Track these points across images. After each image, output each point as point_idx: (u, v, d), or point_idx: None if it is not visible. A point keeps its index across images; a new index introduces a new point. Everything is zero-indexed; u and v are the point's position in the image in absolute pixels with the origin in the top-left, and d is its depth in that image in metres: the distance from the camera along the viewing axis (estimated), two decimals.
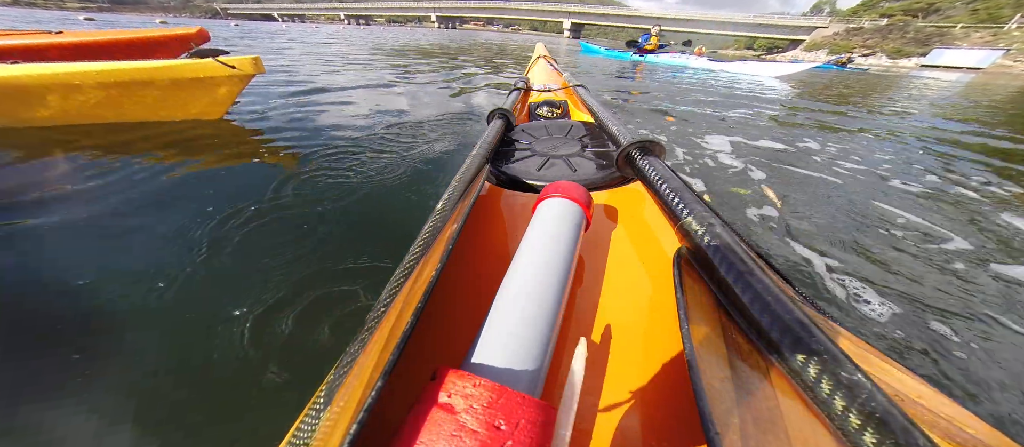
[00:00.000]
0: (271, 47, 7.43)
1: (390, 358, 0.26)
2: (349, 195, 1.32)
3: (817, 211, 1.47)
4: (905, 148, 2.66)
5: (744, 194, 1.58)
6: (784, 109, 3.98)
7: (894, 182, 1.88)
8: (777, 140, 2.55)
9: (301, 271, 0.92)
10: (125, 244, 1.02)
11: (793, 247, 1.19)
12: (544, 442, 0.24)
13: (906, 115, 4.23)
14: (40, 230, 1.05)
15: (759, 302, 0.30)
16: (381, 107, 2.71)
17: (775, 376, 0.27)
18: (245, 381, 0.67)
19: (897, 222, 1.43)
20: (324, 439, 0.24)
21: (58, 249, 0.99)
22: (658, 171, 0.53)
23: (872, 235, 1.31)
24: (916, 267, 1.13)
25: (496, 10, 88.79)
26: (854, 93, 6.35)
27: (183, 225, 1.08)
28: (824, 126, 3.22)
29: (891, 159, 2.32)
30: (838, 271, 1.07)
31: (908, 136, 3.08)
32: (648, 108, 3.48)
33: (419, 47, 10.27)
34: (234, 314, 0.79)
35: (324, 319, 0.78)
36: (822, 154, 2.30)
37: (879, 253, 1.20)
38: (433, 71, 5.06)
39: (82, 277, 0.87)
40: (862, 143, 2.69)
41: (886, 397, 0.22)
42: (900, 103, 5.38)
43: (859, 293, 0.99)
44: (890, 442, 0.20)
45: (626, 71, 7.12)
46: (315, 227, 1.11)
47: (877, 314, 0.91)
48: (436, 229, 0.47)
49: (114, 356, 0.71)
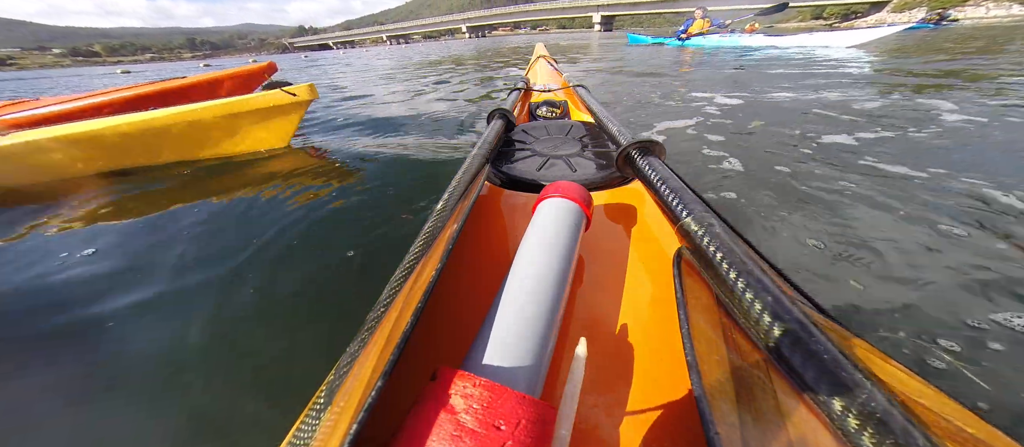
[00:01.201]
0: (329, 72, 8.38)
1: (390, 358, 0.26)
2: (405, 204, 1.36)
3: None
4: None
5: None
6: (878, 85, 3.10)
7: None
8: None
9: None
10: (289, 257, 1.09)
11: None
12: (544, 442, 0.24)
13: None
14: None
15: (759, 302, 0.30)
16: (422, 111, 3.11)
17: (775, 376, 0.27)
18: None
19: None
20: (324, 439, 0.24)
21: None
22: (658, 171, 0.53)
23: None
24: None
25: (522, 13, 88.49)
26: (968, 49, 5.29)
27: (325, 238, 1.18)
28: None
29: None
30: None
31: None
32: (692, 121, 2.27)
33: (452, 58, 10.80)
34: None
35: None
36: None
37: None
38: (467, 72, 5.41)
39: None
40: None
41: (886, 397, 0.22)
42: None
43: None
44: (890, 442, 0.20)
45: (663, 68, 5.29)
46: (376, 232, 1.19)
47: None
48: (436, 229, 0.47)
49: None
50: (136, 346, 0.81)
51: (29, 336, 0.86)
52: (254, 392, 0.69)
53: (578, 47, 12.35)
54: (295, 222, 1.25)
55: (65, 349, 0.81)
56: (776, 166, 1.51)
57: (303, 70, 9.54)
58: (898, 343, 0.73)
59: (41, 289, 1.01)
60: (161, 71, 15.28)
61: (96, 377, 0.74)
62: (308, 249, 1.11)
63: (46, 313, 0.92)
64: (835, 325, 0.32)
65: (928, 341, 0.71)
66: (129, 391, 0.71)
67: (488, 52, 13.27)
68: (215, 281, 0.98)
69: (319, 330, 0.83)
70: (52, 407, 0.69)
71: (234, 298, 0.92)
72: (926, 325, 0.75)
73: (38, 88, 9.60)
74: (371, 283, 0.95)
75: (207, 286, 0.97)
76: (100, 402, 0.69)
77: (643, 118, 2.49)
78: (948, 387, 0.32)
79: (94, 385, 0.73)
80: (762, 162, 1.56)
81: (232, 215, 1.35)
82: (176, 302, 0.93)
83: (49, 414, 0.68)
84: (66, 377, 0.75)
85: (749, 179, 1.41)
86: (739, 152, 1.69)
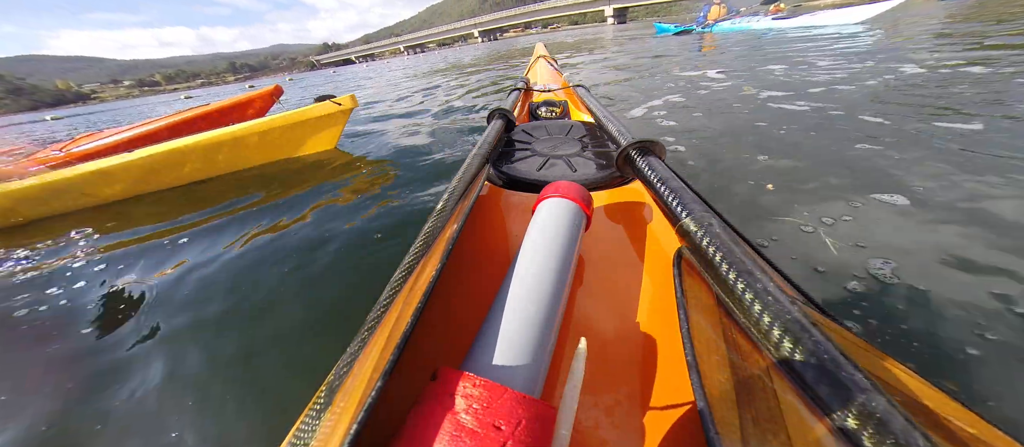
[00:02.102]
0: (357, 85, 8.99)
1: (390, 358, 0.26)
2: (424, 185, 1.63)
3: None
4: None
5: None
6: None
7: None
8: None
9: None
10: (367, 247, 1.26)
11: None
12: (544, 442, 0.24)
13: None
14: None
15: (759, 302, 0.30)
16: (441, 108, 3.56)
17: (775, 376, 0.27)
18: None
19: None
20: (324, 439, 0.24)
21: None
22: (657, 171, 0.53)
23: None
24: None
25: (532, 13, 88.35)
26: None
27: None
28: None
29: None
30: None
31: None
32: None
33: (464, 63, 11.52)
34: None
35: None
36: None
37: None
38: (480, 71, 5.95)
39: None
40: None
41: (886, 397, 0.22)
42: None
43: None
44: (890, 442, 0.20)
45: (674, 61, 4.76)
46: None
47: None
48: (436, 229, 0.47)
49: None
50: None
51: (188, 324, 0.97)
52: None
53: (590, 43, 12.54)
54: (343, 210, 1.51)
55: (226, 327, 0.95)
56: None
57: (334, 85, 10.32)
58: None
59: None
60: (213, 94, 17.84)
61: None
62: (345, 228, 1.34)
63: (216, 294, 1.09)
64: (835, 325, 0.32)
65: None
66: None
67: (502, 53, 13.96)
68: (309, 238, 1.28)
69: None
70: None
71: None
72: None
73: (115, 119, 10.38)
74: (389, 254, 1.13)
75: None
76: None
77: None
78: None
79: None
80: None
81: (305, 202, 1.64)
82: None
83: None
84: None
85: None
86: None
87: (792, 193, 1.17)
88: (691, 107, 2.39)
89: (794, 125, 1.79)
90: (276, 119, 2.12)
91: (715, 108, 2.28)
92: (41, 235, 1.66)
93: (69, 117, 16.72)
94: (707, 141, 1.74)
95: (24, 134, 7.47)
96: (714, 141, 1.72)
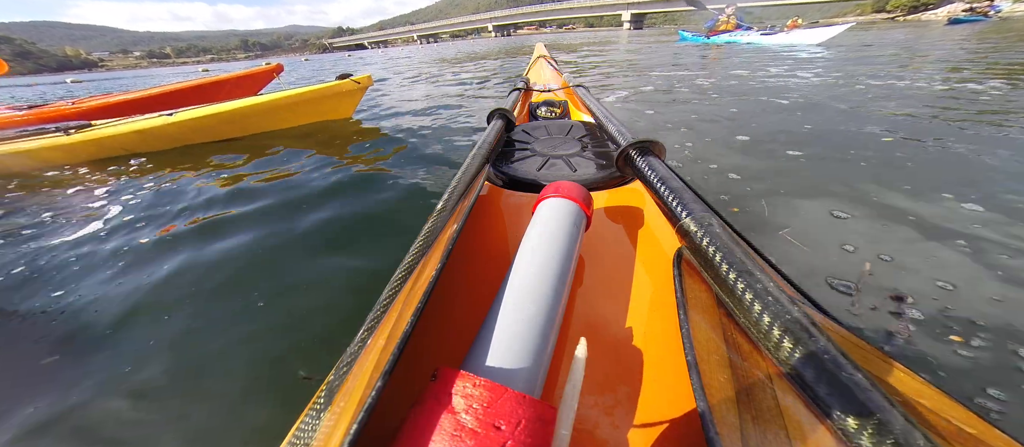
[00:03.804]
0: (375, 68, 10.10)
1: (390, 358, 0.26)
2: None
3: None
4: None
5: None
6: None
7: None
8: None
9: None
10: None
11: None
12: (544, 442, 0.24)
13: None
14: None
15: (759, 302, 0.30)
16: (449, 95, 4.11)
17: (775, 376, 0.27)
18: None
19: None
20: (324, 439, 0.24)
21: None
22: (657, 171, 0.53)
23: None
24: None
25: (549, 12, 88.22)
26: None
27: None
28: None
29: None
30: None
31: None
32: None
33: (476, 54, 12.79)
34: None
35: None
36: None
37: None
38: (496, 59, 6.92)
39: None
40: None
41: (887, 397, 0.22)
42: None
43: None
44: (890, 442, 0.20)
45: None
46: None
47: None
48: (436, 229, 0.47)
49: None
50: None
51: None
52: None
53: (568, 44, 13.53)
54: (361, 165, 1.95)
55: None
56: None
57: (351, 67, 11.64)
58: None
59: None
60: (222, 70, 19.79)
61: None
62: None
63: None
64: (835, 325, 0.32)
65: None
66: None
67: (513, 47, 15.32)
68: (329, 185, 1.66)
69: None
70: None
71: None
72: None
73: (124, 85, 11.29)
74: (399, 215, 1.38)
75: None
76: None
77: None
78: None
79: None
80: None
81: (328, 157, 2.09)
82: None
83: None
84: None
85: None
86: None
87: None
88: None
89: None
90: (308, 91, 2.60)
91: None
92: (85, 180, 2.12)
93: (87, 82, 19.66)
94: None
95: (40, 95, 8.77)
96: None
